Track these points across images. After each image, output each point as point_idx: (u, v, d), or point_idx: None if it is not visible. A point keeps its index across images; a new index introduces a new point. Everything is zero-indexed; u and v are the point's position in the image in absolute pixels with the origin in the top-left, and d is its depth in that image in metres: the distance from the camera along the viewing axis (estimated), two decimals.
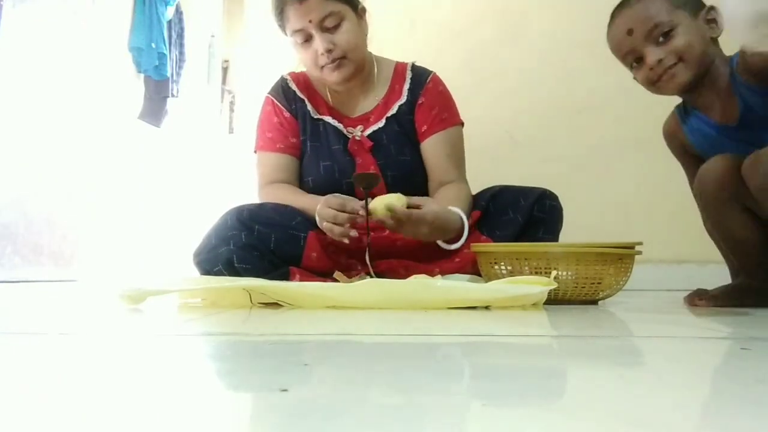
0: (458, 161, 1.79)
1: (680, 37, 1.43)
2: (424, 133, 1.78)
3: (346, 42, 1.68)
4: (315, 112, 1.80)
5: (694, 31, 1.43)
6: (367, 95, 1.82)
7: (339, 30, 1.67)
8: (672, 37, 1.43)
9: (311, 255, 1.59)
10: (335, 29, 1.67)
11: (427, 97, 1.80)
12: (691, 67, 1.44)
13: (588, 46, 2.77)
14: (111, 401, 0.48)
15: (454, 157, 1.78)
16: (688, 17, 1.44)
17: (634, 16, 1.46)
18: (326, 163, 1.76)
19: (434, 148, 1.77)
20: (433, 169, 1.77)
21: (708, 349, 0.79)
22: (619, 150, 2.63)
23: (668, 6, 1.44)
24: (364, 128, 1.78)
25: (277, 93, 1.83)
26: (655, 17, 1.43)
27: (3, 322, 1.08)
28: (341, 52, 1.68)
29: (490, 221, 1.67)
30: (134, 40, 3.57)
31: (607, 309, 1.35)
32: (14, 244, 2.65)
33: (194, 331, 0.93)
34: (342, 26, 1.67)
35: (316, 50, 1.67)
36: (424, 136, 1.78)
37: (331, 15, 1.66)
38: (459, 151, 1.80)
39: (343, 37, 1.67)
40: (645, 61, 1.45)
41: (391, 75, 1.83)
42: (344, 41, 1.68)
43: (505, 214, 1.65)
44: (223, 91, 5.00)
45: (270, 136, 1.80)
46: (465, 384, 0.55)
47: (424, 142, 1.78)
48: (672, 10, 1.44)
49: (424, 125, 1.78)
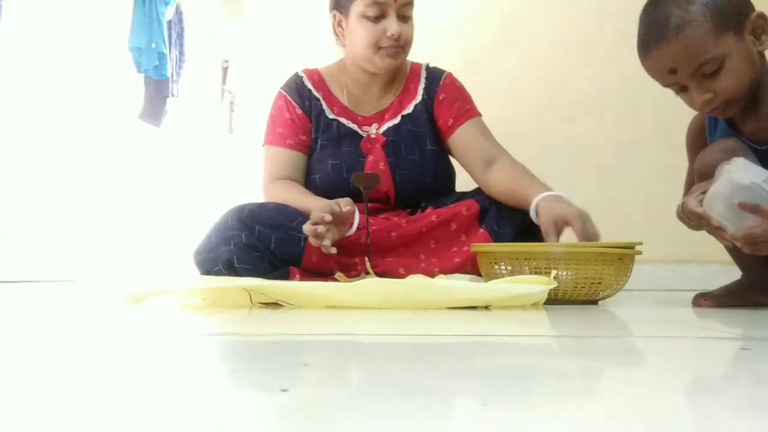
0: (495, 141, 1.78)
1: (729, 76, 1.25)
2: (451, 127, 1.78)
3: (410, 37, 1.73)
4: (330, 111, 1.80)
5: (743, 56, 1.25)
6: (383, 94, 1.82)
7: (409, 22, 1.72)
8: (720, 72, 1.24)
9: (311, 256, 1.58)
10: (407, 19, 1.71)
11: (446, 92, 1.81)
12: (740, 103, 1.29)
13: (588, 46, 2.77)
14: (111, 401, 0.48)
15: (492, 138, 1.78)
16: (734, 39, 1.24)
17: (678, 54, 1.24)
18: (335, 162, 1.75)
19: (468, 134, 1.76)
20: (475, 152, 1.75)
21: (708, 349, 0.79)
22: (619, 150, 2.62)
23: (713, 33, 1.23)
24: (379, 126, 1.79)
25: (290, 89, 1.82)
26: (702, 54, 1.23)
27: (3, 322, 1.08)
28: (405, 43, 1.71)
29: (489, 217, 1.66)
30: (134, 40, 3.57)
31: (607, 309, 1.35)
32: (14, 244, 2.65)
33: (194, 331, 0.93)
34: (411, 21, 1.73)
35: (385, 30, 1.67)
36: (452, 129, 1.78)
37: (410, 4, 1.71)
38: (490, 134, 1.80)
39: (410, 31, 1.72)
40: (690, 94, 1.28)
41: (407, 74, 1.84)
42: (410, 35, 1.72)
43: (504, 211, 1.64)
44: (223, 91, 4.99)
45: (280, 131, 1.79)
46: (465, 384, 0.55)
47: (453, 134, 1.77)
48: (718, 37, 1.23)
49: (449, 119, 1.78)
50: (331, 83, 1.83)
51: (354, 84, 1.81)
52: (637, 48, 1.31)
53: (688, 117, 1.52)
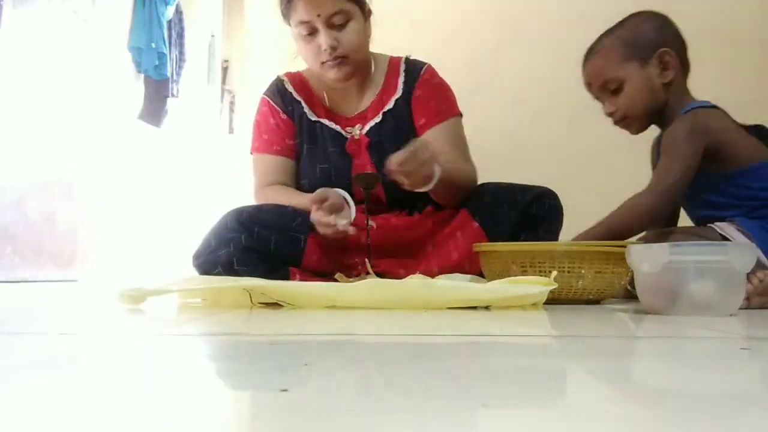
0: (462, 148, 1.75)
1: (624, 96, 1.56)
2: (423, 126, 1.75)
3: (350, 42, 1.66)
4: (312, 114, 1.78)
5: (643, 83, 1.54)
6: (363, 94, 1.79)
7: (345, 29, 1.65)
8: (620, 93, 1.56)
9: (311, 257, 1.58)
10: (341, 27, 1.64)
11: (423, 89, 1.77)
12: (637, 121, 1.59)
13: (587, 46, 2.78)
14: (111, 401, 0.48)
15: (457, 145, 1.73)
16: (637, 68, 1.54)
17: (590, 70, 1.61)
18: (323, 166, 1.75)
19: (435, 141, 1.71)
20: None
21: (708, 349, 0.79)
22: (619, 150, 2.62)
23: (618, 59, 1.55)
24: (362, 126, 1.77)
25: (273, 94, 1.81)
26: (605, 74, 1.57)
27: (3, 322, 1.08)
28: (344, 51, 1.65)
29: (483, 210, 1.64)
30: (134, 39, 3.57)
31: (608, 309, 1.35)
32: (14, 244, 2.65)
33: (194, 331, 0.93)
34: (348, 25, 1.65)
35: (320, 45, 1.64)
36: (423, 129, 1.74)
37: (340, 12, 1.63)
38: (461, 140, 1.76)
39: (348, 37, 1.65)
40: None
41: (385, 70, 1.81)
42: (348, 41, 1.65)
43: (499, 206, 1.62)
44: (223, 91, 4.99)
45: (266, 137, 1.78)
46: (465, 384, 0.55)
47: (422, 135, 1.73)
48: (621, 63, 1.55)
49: (422, 118, 1.75)
50: (314, 85, 1.81)
51: (331, 87, 1.79)
52: None
53: None
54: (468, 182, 1.68)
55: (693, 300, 1.14)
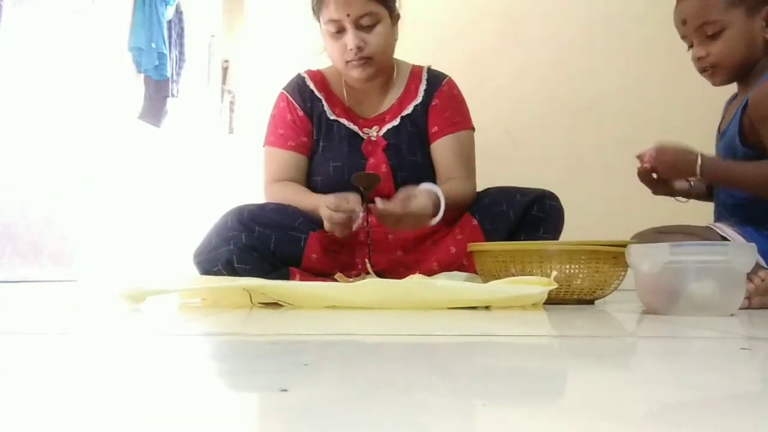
0: (467, 162, 1.78)
1: (721, 43, 1.45)
2: (435, 134, 1.78)
3: (376, 44, 1.68)
4: (331, 112, 1.80)
5: (744, 34, 1.44)
6: (383, 97, 1.82)
7: (373, 31, 1.67)
8: (718, 38, 1.45)
9: (312, 256, 1.58)
10: (369, 29, 1.67)
11: (440, 99, 1.80)
12: (725, 72, 1.48)
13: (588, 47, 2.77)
14: (111, 401, 0.48)
15: (463, 158, 1.77)
16: (742, 17, 1.44)
17: (690, 7, 1.48)
18: (336, 164, 1.75)
19: (443, 149, 1.77)
20: (440, 168, 1.77)
21: (708, 349, 0.79)
22: (619, 150, 2.62)
23: (725, 3, 1.44)
24: (380, 128, 1.78)
25: (292, 90, 1.82)
26: (707, 14, 1.45)
27: (3, 322, 1.08)
28: (370, 53, 1.68)
29: (482, 209, 1.67)
30: (134, 40, 3.57)
31: (606, 309, 1.35)
32: (14, 244, 2.65)
33: (194, 331, 0.93)
34: (376, 28, 1.67)
35: (346, 44, 1.66)
36: (435, 137, 1.78)
37: (370, 14, 1.65)
38: (468, 153, 1.79)
39: (375, 39, 1.67)
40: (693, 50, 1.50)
41: (407, 77, 1.83)
42: (375, 43, 1.68)
43: (498, 205, 1.65)
44: (223, 91, 5.00)
45: (282, 132, 1.79)
46: (465, 384, 0.55)
47: (434, 143, 1.78)
48: (727, 7, 1.44)
49: (435, 126, 1.78)
50: (333, 84, 1.83)
51: (352, 87, 1.80)
52: None
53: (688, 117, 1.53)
54: (465, 203, 1.71)
55: (693, 300, 1.14)
